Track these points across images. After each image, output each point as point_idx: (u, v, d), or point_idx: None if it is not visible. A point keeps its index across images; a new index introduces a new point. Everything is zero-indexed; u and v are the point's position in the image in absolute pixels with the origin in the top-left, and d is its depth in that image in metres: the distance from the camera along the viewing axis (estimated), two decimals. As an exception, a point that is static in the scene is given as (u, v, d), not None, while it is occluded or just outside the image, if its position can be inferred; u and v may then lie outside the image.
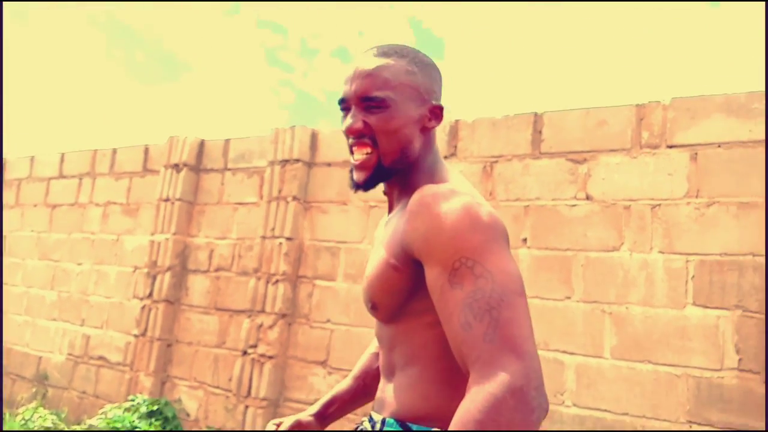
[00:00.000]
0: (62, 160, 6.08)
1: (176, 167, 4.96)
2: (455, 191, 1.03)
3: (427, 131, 1.16)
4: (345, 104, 1.15)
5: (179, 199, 4.89)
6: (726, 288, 2.98)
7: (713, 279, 3.00)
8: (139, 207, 5.33)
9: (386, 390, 1.14)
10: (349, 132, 1.13)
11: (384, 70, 1.12)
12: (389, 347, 1.15)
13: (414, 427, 1.05)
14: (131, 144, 5.58)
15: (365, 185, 1.15)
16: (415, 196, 1.04)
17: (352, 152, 1.16)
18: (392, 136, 1.12)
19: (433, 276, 0.98)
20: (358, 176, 1.16)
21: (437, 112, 1.16)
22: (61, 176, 6.05)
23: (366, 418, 1.18)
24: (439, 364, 1.06)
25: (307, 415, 1.40)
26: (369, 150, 1.13)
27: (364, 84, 1.12)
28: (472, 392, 0.86)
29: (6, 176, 6.57)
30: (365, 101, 1.12)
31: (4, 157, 6.67)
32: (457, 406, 1.02)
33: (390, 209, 1.22)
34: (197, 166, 4.99)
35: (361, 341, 3.93)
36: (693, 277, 3.05)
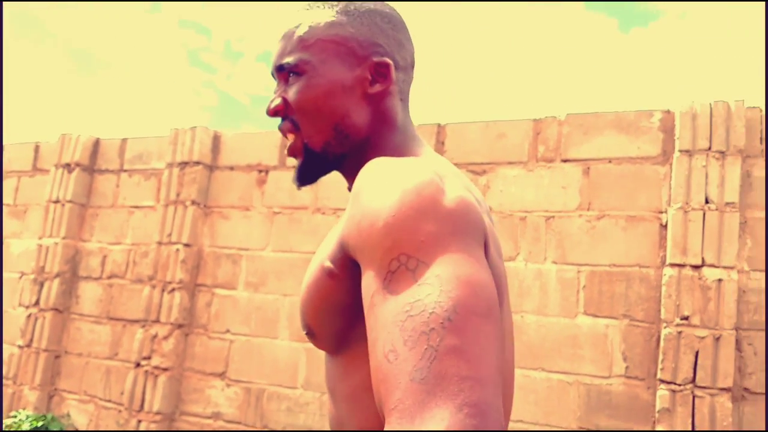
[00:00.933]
0: (-59, 156, 5.60)
1: (68, 167, 4.66)
2: (411, 165, 0.70)
3: (375, 99, 0.86)
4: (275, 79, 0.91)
5: (70, 201, 4.60)
6: (614, 298, 3.09)
7: (603, 289, 3.11)
8: (28, 209, 4.98)
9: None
10: (267, 113, 0.88)
11: (300, 28, 0.86)
12: (331, 391, 0.82)
13: None
14: (22, 141, 5.21)
15: (300, 178, 0.88)
16: (363, 172, 0.73)
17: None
18: (313, 111, 0.84)
19: (365, 281, 0.66)
20: (296, 168, 0.90)
21: (383, 71, 0.85)
22: (-61, 173, 5.57)
23: None
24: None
25: None
26: (293, 135, 0.86)
27: (278, 50, 0.87)
28: None
29: None
30: (280, 71, 0.87)
31: None
32: None
33: None
34: (91, 166, 4.71)
35: (261, 352, 3.82)
36: (584, 287, 3.14)
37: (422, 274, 0.60)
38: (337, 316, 0.76)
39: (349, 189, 0.87)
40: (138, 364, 4.07)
